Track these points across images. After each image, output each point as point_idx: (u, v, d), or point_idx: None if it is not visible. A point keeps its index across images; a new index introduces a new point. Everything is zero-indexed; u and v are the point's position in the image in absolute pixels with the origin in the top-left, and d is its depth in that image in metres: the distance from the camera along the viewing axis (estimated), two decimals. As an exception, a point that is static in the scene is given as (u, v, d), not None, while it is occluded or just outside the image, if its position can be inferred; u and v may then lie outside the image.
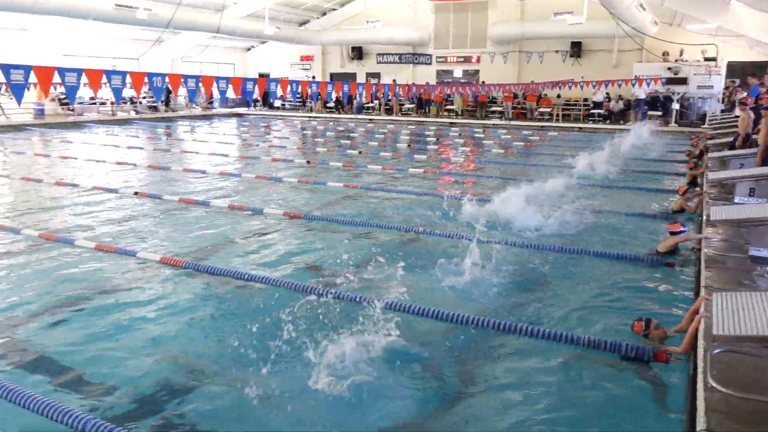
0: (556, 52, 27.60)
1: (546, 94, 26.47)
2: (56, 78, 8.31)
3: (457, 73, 30.58)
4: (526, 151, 16.27)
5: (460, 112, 27.24)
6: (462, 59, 30.11)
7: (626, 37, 23.26)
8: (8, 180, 10.66)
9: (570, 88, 24.21)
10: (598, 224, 7.63)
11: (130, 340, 4.18)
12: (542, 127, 23.57)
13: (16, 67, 7.47)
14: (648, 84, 22.17)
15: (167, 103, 29.08)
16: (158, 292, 5.07)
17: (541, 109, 25.73)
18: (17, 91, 7.34)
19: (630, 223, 7.71)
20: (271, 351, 3.95)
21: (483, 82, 27.24)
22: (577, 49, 26.97)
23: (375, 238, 6.98)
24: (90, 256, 6.08)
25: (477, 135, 21.00)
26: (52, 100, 24.11)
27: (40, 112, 23.37)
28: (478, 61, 29.68)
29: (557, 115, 25.41)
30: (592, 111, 24.59)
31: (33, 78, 7.96)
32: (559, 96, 26.62)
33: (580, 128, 23.25)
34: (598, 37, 25.63)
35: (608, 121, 24.04)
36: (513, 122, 25.04)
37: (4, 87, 21.01)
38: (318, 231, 7.24)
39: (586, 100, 25.79)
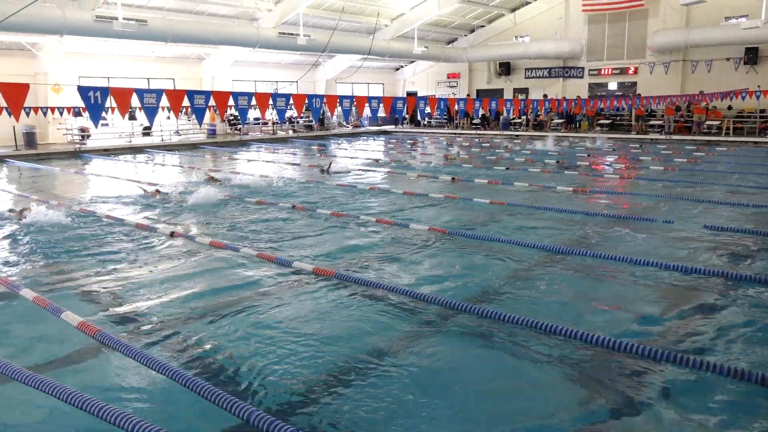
0: (727, 59, 25.22)
1: (714, 106, 24.24)
2: (230, 101, 9.24)
3: (612, 85, 29.05)
4: (690, 168, 15.00)
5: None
6: (617, 71, 28.59)
7: (814, 40, 20.65)
8: (185, 194, 11.92)
9: (744, 98, 21.97)
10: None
11: (281, 341, 4.48)
12: (708, 141, 21.58)
13: (199, 92, 8.44)
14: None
15: (321, 122, 30.90)
16: (309, 300, 5.38)
17: (709, 122, 23.57)
18: (199, 113, 8.29)
19: None
20: (418, 362, 4.02)
21: (639, 94, 25.62)
22: (752, 55, 24.42)
23: (521, 256, 6.83)
24: (252, 263, 6.61)
25: (634, 150, 19.75)
26: (223, 121, 26.69)
27: (212, 133, 25.96)
28: (635, 72, 28.01)
29: (727, 129, 23.14)
30: (771, 123, 22.10)
31: (210, 101, 8.93)
32: (730, 108, 24.25)
33: (756, 143, 20.96)
34: (778, 41, 23.05)
35: (790, 134, 21.45)
36: (674, 137, 23.22)
37: (185, 110, 23.65)
38: (464, 247, 7.23)
39: (763, 111, 23.22)
